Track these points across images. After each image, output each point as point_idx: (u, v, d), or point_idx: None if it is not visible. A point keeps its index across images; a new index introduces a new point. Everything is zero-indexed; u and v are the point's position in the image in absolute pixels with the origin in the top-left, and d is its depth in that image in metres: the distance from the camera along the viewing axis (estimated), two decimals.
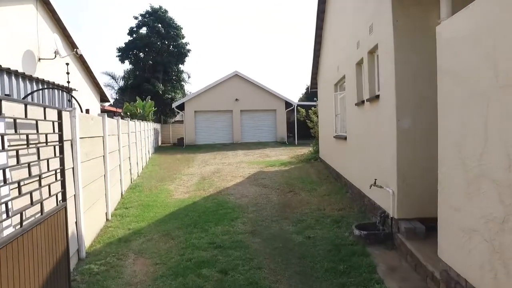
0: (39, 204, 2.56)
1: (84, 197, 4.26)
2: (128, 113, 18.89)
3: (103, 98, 15.32)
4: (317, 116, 14.74)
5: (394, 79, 4.22)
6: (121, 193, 7.57)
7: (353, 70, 6.70)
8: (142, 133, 12.97)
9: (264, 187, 8.75)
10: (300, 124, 25.64)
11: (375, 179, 4.77)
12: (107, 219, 5.76)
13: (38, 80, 7.55)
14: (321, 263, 4.04)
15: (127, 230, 5.35)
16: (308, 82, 45.27)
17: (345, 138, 7.68)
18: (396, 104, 4.21)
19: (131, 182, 9.32)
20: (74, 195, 3.87)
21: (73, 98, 8.33)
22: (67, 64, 8.72)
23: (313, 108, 15.69)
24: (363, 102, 5.93)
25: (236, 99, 24.14)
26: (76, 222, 3.88)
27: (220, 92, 23.99)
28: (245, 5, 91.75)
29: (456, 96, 2.61)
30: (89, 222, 4.53)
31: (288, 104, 25.13)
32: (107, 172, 5.77)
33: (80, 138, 4.08)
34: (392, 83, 4.28)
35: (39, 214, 2.61)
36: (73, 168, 3.81)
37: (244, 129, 24.72)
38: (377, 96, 4.96)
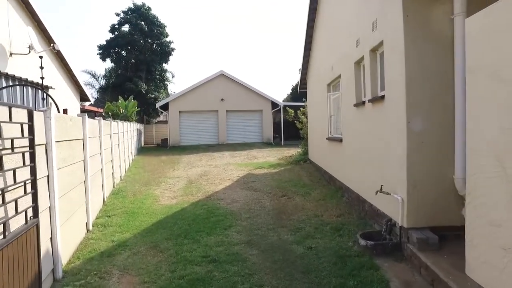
0: (2, 225, 2.08)
1: (62, 208, 3.76)
2: (110, 113, 18.11)
3: (83, 97, 14.56)
4: (306, 117, 14.48)
5: (404, 78, 3.93)
6: (103, 200, 7.01)
7: (351, 69, 6.41)
8: (125, 134, 12.35)
9: (255, 191, 8.36)
10: (287, 125, 25.42)
11: (381, 185, 4.47)
12: (87, 230, 5.23)
13: (8, 76, 6.91)
14: (328, 278, 3.69)
15: (110, 242, 4.85)
16: (294, 82, 45.05)
17: (341, 140, 7.40)
18: (407, 105, 3.92)
19: (114, 187, 8.74)
20: (49, 207, 3.37)
21: (48, 97, 7.68)
22: (41, 57, 8.05)
23: (301, 108, 15.43)
24: (363, 103, 5.64)
25: (222, 99, 23.67)
26: (51, 238, 3.38)
27: (205, 92, 23.46)
28: (231, 4, 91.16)
29: (494, 97, 2.31)
30: (67, 236, 4.02)
31: (274, 105, 24.85)
32: (88, 178, 5.25)
33: (56, 141, 3.59)
34: (402, 82, 3.99)
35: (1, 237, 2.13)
36: (48, 176, 3.31)
37: (230, 130, 24.28)
38: (382, 97, 4.67)
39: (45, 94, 7.88)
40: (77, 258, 4.25)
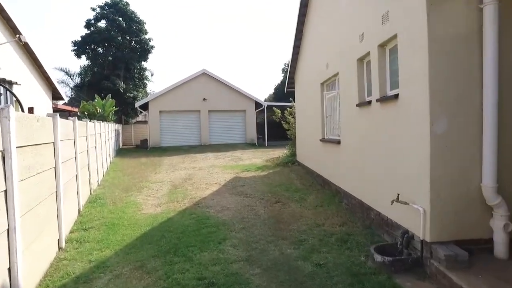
0: None
1: (25, 228, 3.07)
2: (85, 113, 17.03)
3: (56, 95, 13.53)
4: (294, 117, 14.07)
5: (427, 75, 3.49)
6: (79, 209, 6.26)
7: (352, 66, 5.98)
8: (103, 135, 11.48)
9: (246, 197, 7.81)
10: (270, 125, 25.00)
11: (398, 194, 4.03)
12: (60, 248, 4.51)
13: None
14: None
15: (87, 262, 4.16)
16: (277, 82, 44.64)
17: (338, 142, 6.96)
18: (430, 106, 3.48)
19: (91, 194, 7.94)
20: (7, 229, 2.70)
21: (11, 94, 6.82)
22: None
23: (288, 109, 15.00)
24: (368, 102, 5.21)
25: (204, 99, 22.95)
26: (9, 269, 2.71)
27: (187, 91, 22.66)
28: (215, 3, 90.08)
29: None
30: (32, 261, 3.33)
31: (258, 105, 24.36)
32: (61, 187, 4.53)
33: (18, 147, 2.91)
34: (424, 80, 3.55)
35: None
36: (5, 191, 2.64)
37: (212, 130, 23.58)
38: (395, 96, 4.23)
39: (1, 89, 6.97)
40: (46, 286, 3.55)
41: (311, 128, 10.01)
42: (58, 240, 4.42)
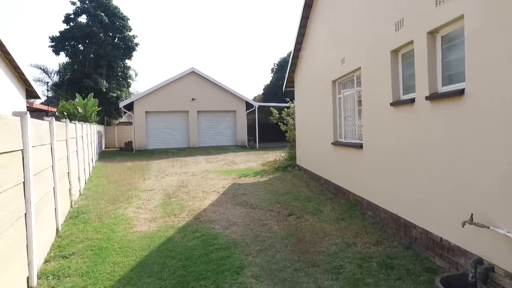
0: None
1: None
2: (65, 113, 15.68)
3: (31, 94, 12.21)
4: (293, 119, 13.24)
5: None
6: (57, 229, 5.17)
7: (382, 60, 5.17)
8: (85, 138, 10.31)
9: (252, 208, 6.88)
10: (261, 127, 24.18)
11: (472, 214, 3.20)
12: None
13: None
14: None
15: None
16: (266, 82, 43.91)
17: (360, 147, 6.14)
18: None
19: (72, 207, 6.83)
20: None
21: None
22: None
23: (285, 109, 14.17)
24: (411, 101, 4.39)
25: (193, 99, 21.87)
26: None
27: (175, 90, 21.52)
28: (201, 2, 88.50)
29: None
30: None
31: (248, 105, 23.47)
32: (31, 207, 3.49)
33: None
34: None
35: None
36: None
37: (201, 132, 22.51)
38: (460, 92, 3.42)
39: None
40: None
41: (318, 130, 9.19)
42: (28, 278, 3.37)
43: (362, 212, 6.14)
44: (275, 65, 36.46)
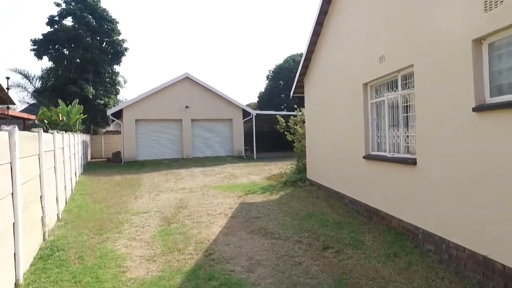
0: None
1: None
2: (45, 121, 14.10)
3: (2, 100, 10.67)
4: (301, 127, 12.03)
5: None
6: (16, 282, 3.71)
7: (457, 53, 3.98)
8: (67, 150, 8.83)
9: (274, 238, 5.56)
10: (258, 136, 22.94)
11: None
12: None
13: None
14: None
15: None
16: (261, 89, 42.63)
17: (413, 163, 4.91)
18: None
19: (45, 240, 5.36)
20: None
21: None
22: None
23: (292, 117, 12.95)
24: (508, 105, 3.19)
25: (187, 106, 20.49)
26: None
27: (167, 97, 20.11)
28: (199, 6, 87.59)
29: None
30: None
31: (245, 113, 22.20)
32: None
33: None
34: None
35: None
36: None
37: (195, 142, 21.08)
38: None
39: None
40: None
41: (339, 140, 7.98)
42: None
43: (416, 245, 4.88)
44: (271, 72, 35.45)
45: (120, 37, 26.11)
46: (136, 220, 6.83)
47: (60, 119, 14.62)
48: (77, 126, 15.56)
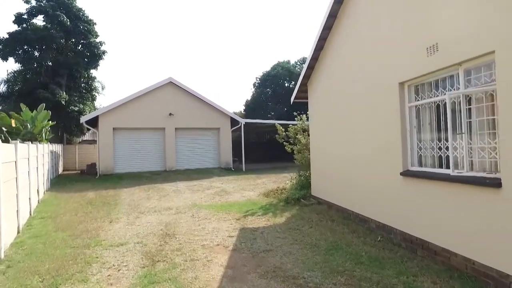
0: None
1: None
2: (4, 129, 12.12)
3: None
4: (304, 137, 10.67)
5: None
6: None
7: None
8: (23, 164, 7.08)
9: (298, 286, 4.08)
10: (247, 147, 21.53)
11: None
12: None
13: None
14: None
15: None
16: (247, 97, 41.08)
17: (496, 185, 3.59)
18: None
19: None
20: None
21: None
22: None
23: (291, 126, 11.60)
24: None
25: (170, 114, 18.84)
26: None
27: (149, 104, 18.41)
28: (182, 10, 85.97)
29: None
30: None
31: (233, 122, 20.74)
32: None
33: None
34: None
35: None
36: None
37: (180, 153, 19.37)
38: None
39: None
40: None
41: (361, 152, 6.65)
42: None
43: None
44: (258, 79, 34.22)
45: (97, 40, 24.22)
46: (109, 258, 5.18)
47: (23, 126, 12.65)
48: (44, 135, 13.59)
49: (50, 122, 14.34)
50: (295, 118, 11.48)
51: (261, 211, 8.52)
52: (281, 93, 31.23)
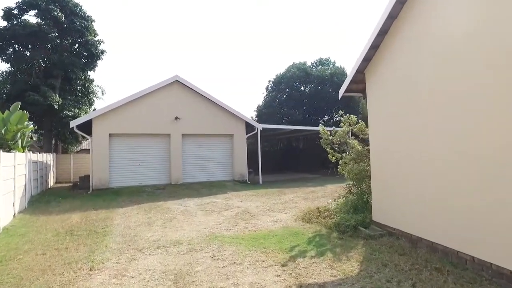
0: None
1: None
2: None
3: None
4: (359, 143, 8.02)
5: None
6: None
7: None
8: None
9: None
10: (265, 156, 18.91)
11: None
12: None
13: None
14: None
15: None
16: (259, 102, 38.09)
17: None
18: None
19: None
20: None
21: None
22: None
23: (335, 129, 8.93)
24: None
25: (176, 118, 16.29)
26: None
27: (151, 106, 15.89)
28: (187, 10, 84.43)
29: None
30: None
31: (248, 127, 18.16)
32: None
33: None
34: None
35: None
36: None
37: (187, 163, 16.74)
38: None
39: None
40: None
41: (487, 163, 3.98)
42: None
43: None
44: (271, 82, 31.70)
45: (96, 38, 21.91)
46: None
47: None
48: (20, 141, 11.04)
49: (31, 126, 11.79)
50: (341, 118, 8.79)
51: (313, 249, 5.83)
52: (297, 97, 28.65)
